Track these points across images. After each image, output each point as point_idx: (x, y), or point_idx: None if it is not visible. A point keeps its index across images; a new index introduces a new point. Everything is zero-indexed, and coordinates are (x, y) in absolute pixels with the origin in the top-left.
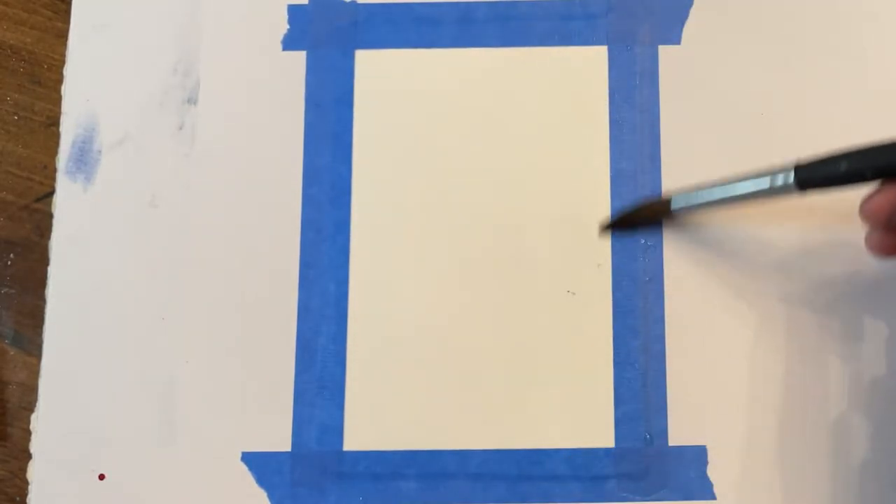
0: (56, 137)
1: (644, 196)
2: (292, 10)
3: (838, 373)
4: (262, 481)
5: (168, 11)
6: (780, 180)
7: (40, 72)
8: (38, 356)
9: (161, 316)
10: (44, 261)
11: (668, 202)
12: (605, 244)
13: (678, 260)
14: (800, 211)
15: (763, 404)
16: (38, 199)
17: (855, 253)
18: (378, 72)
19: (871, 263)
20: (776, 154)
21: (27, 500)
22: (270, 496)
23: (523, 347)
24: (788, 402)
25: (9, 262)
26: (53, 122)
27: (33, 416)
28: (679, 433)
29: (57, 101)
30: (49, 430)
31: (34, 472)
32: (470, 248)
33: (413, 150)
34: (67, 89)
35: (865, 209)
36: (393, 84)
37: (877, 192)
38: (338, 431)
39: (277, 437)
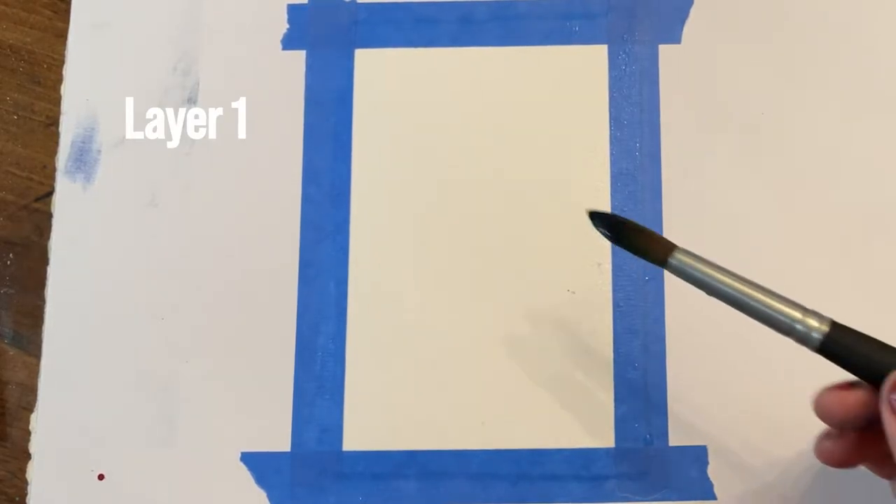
0: (56, 137)
1: (654, 229)
2: (292, 9)
3: (838, 372)
4: (261, 481)
5: (168, 11)
6: (800, 329)
7: (40, 71)
8: (38, 356)
9: (161, 316)
10: (43, 261)
11: (668, 252)
12: (606, 244)
13: None
14: (800, 215)
15: (763, 404)
16: (37, 199)
17: (855, 258)
18: (378, 71)
19: (871, 264)
20: (776, 154)
21: (26, 500)
22: (270, 496)
23: (523, 347)
24: (789, 402)
25: (8, 262)
26: (53, 122)
27: (33, 416)
28: (679, 433)
29: (57, 100)
30: (48, 430)
31: (33, 471)
32: (470, 247)
33: (412, 149)
34: (67, 89)
35: (816, 403)
36: (393, 83)
37: (832, 388)
38: (337, 431)
39: (277, 437)
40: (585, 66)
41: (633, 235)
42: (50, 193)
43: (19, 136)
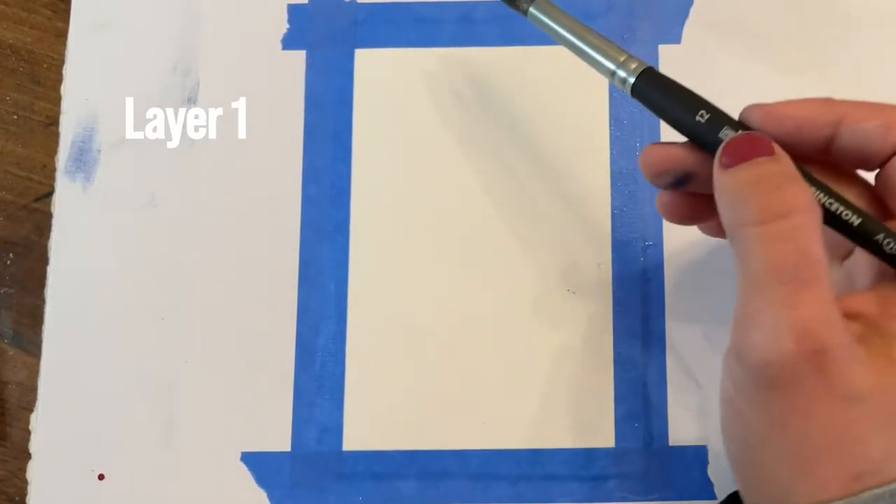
0: (56, 137)
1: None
2: (292, 9)
3: None
4: (262, 481)
5: (168, 11)
6: (621, 74)
7: (40, 71)
8: (38, 356)
9: (161, 316)
10: (43, 260)
11: (531, 1)
12: (606, 244)
13: (678, 260)
14: None
15: None
16: (37, 199)
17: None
18: (378, 71)
19: None
20: None
21: (26, 500)
22: (270, 496)
23: (523, 347)
24: None
25: (8, 262)
26: (53, 122)
27: (33, 416)
28: (679, 433)
29: (56, 100)
30: (48, 430)
31: (33, 472)
32: (470, 247)
33: (412, 149)
34: (67, 89)
35: (640, 159)
36: (393, 83)
37: (656, 143)
38: (337, 431)
39: (277, 437)
40: (585, 66)
41: None
42: (50, 193)
43: (19, 135)
